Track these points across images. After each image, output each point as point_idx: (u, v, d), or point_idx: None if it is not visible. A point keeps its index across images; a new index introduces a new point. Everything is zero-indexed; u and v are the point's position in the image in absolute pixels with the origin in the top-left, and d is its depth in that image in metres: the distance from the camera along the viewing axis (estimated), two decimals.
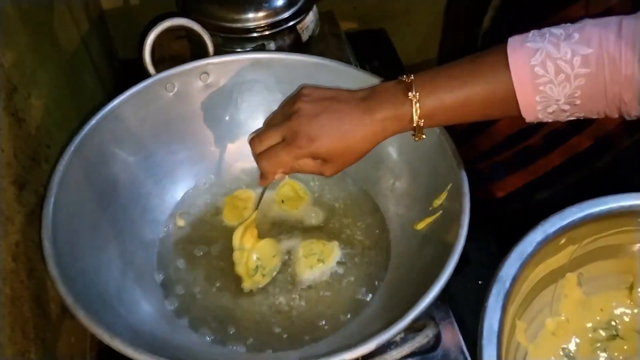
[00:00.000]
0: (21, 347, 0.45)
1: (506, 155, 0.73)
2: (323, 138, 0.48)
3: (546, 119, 0.44)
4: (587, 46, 0.40)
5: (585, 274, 0.50)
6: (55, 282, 0.46)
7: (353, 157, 0.50)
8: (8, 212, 0.47)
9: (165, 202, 0.67)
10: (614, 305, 0.51)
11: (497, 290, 0.41)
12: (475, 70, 0.45)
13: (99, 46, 0.87)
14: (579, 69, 0.41)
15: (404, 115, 0.47)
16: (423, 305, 0.45)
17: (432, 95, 0.46)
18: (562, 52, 0.41)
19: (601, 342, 0.50)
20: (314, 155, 0.49)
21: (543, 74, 0.41)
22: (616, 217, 0.46)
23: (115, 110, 0.60)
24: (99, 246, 0.56)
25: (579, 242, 0.47)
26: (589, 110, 0.43)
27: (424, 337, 0.46)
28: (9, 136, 0.49)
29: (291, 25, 0.77)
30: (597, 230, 0.47)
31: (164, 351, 0.44)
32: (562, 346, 0.50)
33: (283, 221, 0.67)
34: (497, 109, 0.45)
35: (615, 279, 0.51)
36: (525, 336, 0.47)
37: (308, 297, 0.60)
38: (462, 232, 0.50)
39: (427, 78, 0.47)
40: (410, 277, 0.57)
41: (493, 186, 0.75)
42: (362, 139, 0.49)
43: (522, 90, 0.43)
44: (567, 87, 0.41)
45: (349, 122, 0.48)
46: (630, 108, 0.41)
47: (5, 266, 0.45)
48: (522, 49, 0.42)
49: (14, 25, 0.55)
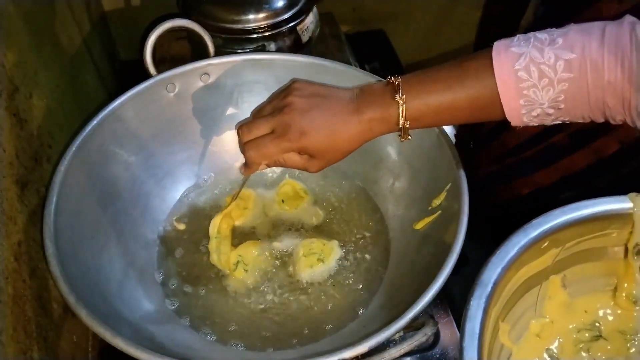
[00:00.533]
0: (23, 345, 0.45)
1: (532, 152, 0.73)
2: (313, 134, 0.49)
3: (532, 123, 0.45)
4: (571, 51, 0.41)
5: (569, 276, 0.50)
6: (57, 281, 0.46)
7: (338, 155, 0.51)
8: (10, 211, 0.47)
9: (166, 202, 0.68)
10: (598, 306, 0.51)
11: (478, 294, 0.41)
12: (461, 75, 0.45)
13: (101, 47, 0.88)
14: (562, 73, 0.41)
15: (390, 116, 0.48)
16: (422, 304, 0.46)
17: (418, 99, 0.47)
18: (546, 57, 0.41)
19: (585, 342, 0.50)
20: (302, 149, 0.50)
21: (527, 78, 0.42)
22: (598, 221, 0.46)
23: (117, 110, 0.60)
24: (100, 245, 0.56)
25: (562, 245, 0.47)
26: (573, 115, 0.43)
27: (422, 336, 0.46)
28: (10, 136, 0.49)
29: (291, 26, 0.77)
30: (579, 233, 0.47)
31: (165, 350, 0.44)
32: (546, 347, 0.50)
33: (283, 221, 0.67)
34: (483, 113, 0.46)
35: (599, 281, 0.51)
36: (509, 338, 0.47)
37: (308, 296, 0.60)
38: (460, 232, 0.50)
39: (413, 81, 0.47)
40: (410, 276, 0.57)
41: (519, 183, 0.76)
42: (348, 138, 0.49)
43: (507, 94, 0.43)
44: (550, 92, 0.42)
45: (338, 120, 0.49)
46: (615, 112, 0.41)
47: (8, 265, 0.45)
48: (507, 54, 0.43)
49: (15, 26, 0.56)
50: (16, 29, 0.56)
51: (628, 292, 0.50)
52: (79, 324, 0.45)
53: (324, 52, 0.88)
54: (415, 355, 0.57)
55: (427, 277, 0.48)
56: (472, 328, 0.39)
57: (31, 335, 0.47)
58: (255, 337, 0.57)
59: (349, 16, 1.08)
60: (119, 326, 0.46)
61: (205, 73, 0.66)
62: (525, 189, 0.75)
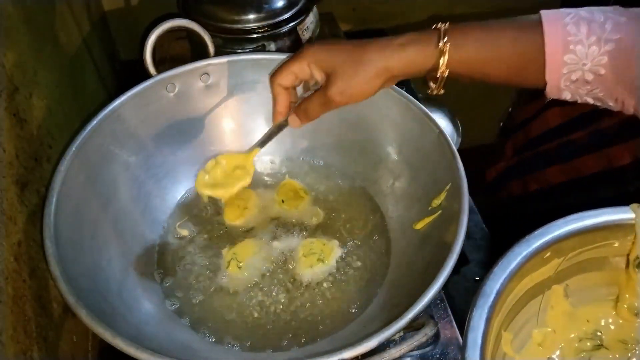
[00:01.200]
0: (23, 345, 0.45)
1: (550, 146, 0.74)
2: (338, 49, 0.49)
3: (565, 93, 0.44)
4: (621, 15, 0.41)
5: (571, 285, 0.50)
6: (57, 282, 0.46)
7: (365, 86, 0.49)
8: (10, 211, 0.47)
9: (166, 202, 0.68)
10: (600, 316, 0.51)
11: (481, 304, 0.41)
12: (508, 28, 0.45)
13: (100, 47, 0.88)
14: (609, 33, 0.41)
15: (429, 60, 0.47)
16: (422, 305, 0.46)
17: (462, 47, 0.46)
18: (596, 16, 0.42)
19: (586, 351, 0.50)
20: (319, 62, 0.50)
21: (575, 32, 0.42)
22: (601, 231, 0.46)
23: (117, 110, 0.60)
24: (100, 246, 0.56)
25: (565, 255, 0.47)
26: (609, 90, 0.43)
27: (422, 336, 0.46)
28: (10, 136, 0.49)
29: (291, 26, 0.77)
30: (582, 243, 0.47)
31: (165, 350, 0.44)
32: (548, 356, 0.50)
33: (283, 221, 0.67)
34: (522, 72, 0.45)
35: (601, 290, 0.51)
36: (511, 347, 0.47)
37: (308, 296, 0.60)
38: (460, 232, 0.50)
39: (460, 29, 0.47)
40: (410, 276, 0.57)
41: (530, 177, 0.76)
42: (382, 69, 0.48)
43: (552, 48, 0.43)
44: (595, 51, 0.42)
45: (374, 49, 0.48)
46: None
47: (8, 265, 0.45)
48: (557, 12, 0.43)
49: (15, 26, 0.56)
50: (16, 29, 0.56)
51: (630, 303, 0.50)
52: (79, 324, 0.45)
53: None
54: (415, 355, 0.57)
55: (427, 277, 0.48)
56: (474, 338, 0.40)
57: (31, 335, 0.47)
58: (255, 338, 0.57)
59: (349, 16, 1.08)
60: (119, 326, 0.46)
61: (205, 73, 0.66)
62: (535, 184, 0.75)
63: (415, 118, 0.61)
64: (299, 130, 0.58)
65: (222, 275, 0.62)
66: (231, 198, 0.68)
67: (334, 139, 0.71)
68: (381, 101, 0.63)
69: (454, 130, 0.79)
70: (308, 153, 0.73)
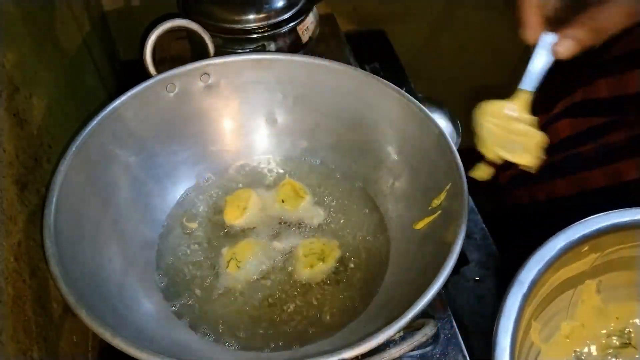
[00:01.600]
0: (23, 345, 0.45)
1: (558, 157, 0.73)
2: None
3: None
4: None
5: (604, 281, 0.50)
6: (57, 282, 0.46)
7: None
8: (10, 211, 0.47)
9: (166, 202, 0.68)
10: (630, 315, 0.51)
11: (515, 292, 0.41)
12: None
13: (100, 47, 0.88)
14: None
15: None
16: (422, 305, 0.46)
17: None
18: None
19: (613, 348, 0.50)
20: None
21: None
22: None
23: (117, 110, 0.60)
24: (100, 246, 0.56)
25: (602, 251, 0.47)
26: None
27: (422, 336, 0.46)
28: (10, 136, 0.49)
29: (291, 26, 0.77)
30: (620, 240, 0.47)
31: (165, 350, 0.44)
32: (574, 349, 0.50)
33: (283, 221, 0.67)
34: None
35: (634, 289, 0.51)
36: (539, 337, 0.48)
37: (308, 296, 0.60)
38: (460, 232, 0.50)
39: None
40: (409, 276, 0.57)
41: (538, 187, 0.76)
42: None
43: None
44: None
45: None
46: None
47: (8, 265, 0.45)
48: None
49: (15, 26, 0.56)
50: (16, 29, 0.56)
51: None
52: (79, 324, 0.45)
53: (324, 52, 0.88)
54: (415, 355, 0.57)
55: (427, 277, 0.48)
56: (506, 324, 0.40)
57: (31, 335, 0.47)
58: (255, 338, 0.57)
59: (349, 16, 1.08)
60: (119, 326, 0.46)
61: (205, 73, 0.66)
62: (542, 194, 0.75)
63: (415, 118, 0.61)
64: (299, 130, 0.58)
65: (222, 275, 0.62)
66: (233, 198, 0.68)
67: (334, 139, 0.71)
68: (381, 101, 0.63)
69: (454, 130, 0.79)
70: (308, 153, 0.73)
